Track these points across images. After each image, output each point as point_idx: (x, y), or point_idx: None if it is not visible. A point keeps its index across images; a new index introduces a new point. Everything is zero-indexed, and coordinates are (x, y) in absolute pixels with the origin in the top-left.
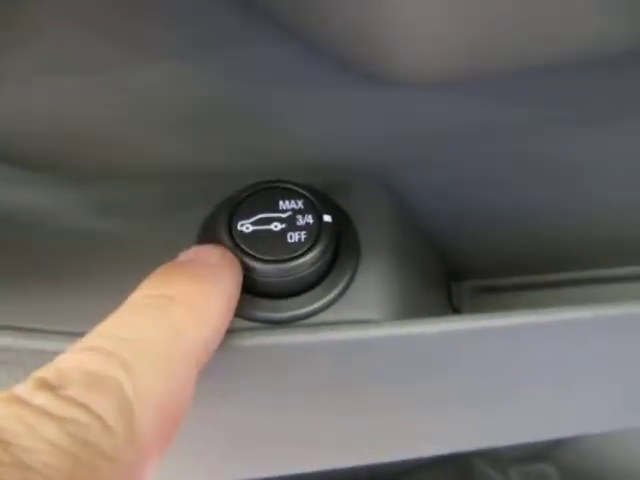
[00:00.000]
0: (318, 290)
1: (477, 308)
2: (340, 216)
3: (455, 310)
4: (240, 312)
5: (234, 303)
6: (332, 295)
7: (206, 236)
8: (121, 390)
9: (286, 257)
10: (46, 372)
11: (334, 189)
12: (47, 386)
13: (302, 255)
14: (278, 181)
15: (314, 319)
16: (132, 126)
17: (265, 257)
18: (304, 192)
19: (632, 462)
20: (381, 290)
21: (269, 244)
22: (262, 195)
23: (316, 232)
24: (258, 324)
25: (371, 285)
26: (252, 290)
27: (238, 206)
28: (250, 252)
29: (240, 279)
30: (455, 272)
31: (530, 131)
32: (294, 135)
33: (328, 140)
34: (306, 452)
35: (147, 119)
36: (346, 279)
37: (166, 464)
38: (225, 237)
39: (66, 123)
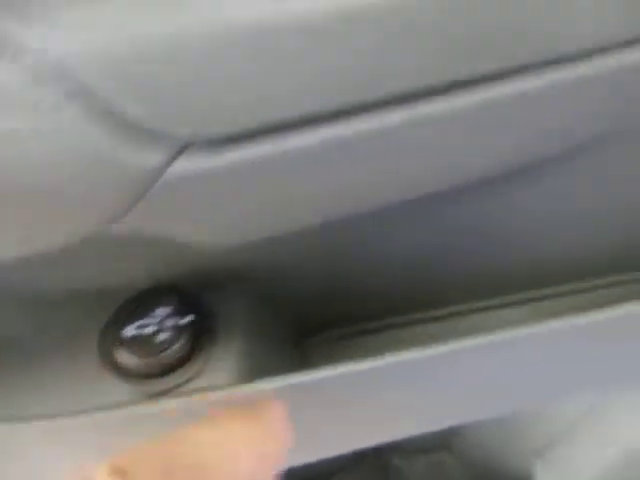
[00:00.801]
0: (189, 365)
1: (330, 357)
2: (203, 312)
3: (309, 362)
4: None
5: None
6: (197, 368)
7: (104, 340)
8: None
9: (156, 352)
10: None
11: (207, 286)
12: None
13: (167, 349)
14: (156, 290)
15: (189, 386)
16: None
17: (142, 353)
18: (173, 298)
19: (522, 449)
20: (237, 361)
21: (146, 343)
22: (143, 303)
23: (179, 330)
24: (153, 395)
25: (229, 357)
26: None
27: (123, 314)
28: (132, 351)
29: None
30: (307, 329)
31: None
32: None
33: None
34: None
35: None
36: (207, 355)
37: None
38: (114, 340)
39: None
